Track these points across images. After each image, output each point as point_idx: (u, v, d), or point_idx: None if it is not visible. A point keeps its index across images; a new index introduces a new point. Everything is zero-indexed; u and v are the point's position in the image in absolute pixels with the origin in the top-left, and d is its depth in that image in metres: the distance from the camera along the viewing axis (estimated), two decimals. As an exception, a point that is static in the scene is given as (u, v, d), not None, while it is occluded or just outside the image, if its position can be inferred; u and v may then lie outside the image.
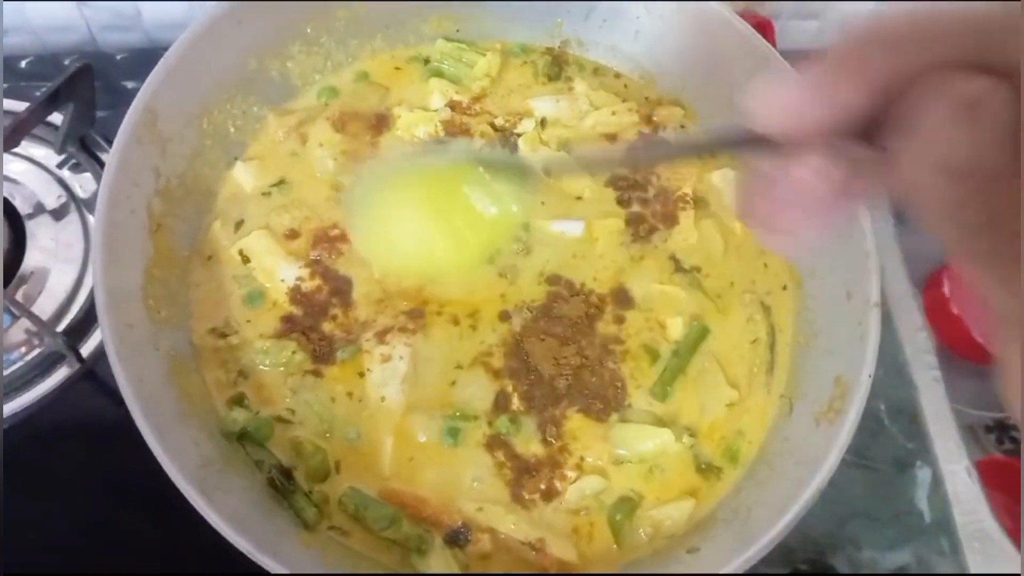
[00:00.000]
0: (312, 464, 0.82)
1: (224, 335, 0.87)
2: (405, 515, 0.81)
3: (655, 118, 1.04)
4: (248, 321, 0.89)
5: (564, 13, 1.07)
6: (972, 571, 1.14)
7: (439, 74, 1.04)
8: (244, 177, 0.96)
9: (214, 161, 0.94)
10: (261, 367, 0.86)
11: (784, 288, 0.96)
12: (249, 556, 0.68)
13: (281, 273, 0.90)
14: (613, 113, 1.02)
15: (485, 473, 0.84)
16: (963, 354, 1.67)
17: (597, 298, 0.92)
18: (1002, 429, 1.74)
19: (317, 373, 0.86)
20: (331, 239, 0.93)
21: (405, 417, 0.85)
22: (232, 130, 0.96)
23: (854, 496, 1.13)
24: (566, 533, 0.82)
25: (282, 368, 0.86)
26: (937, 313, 1.62)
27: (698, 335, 0.91)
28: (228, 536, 0.68)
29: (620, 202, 0.98)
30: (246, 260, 0.91)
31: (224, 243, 0.92)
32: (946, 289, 1.69)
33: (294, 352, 0.86)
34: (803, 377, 0.90)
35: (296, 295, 0.90)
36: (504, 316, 0.91)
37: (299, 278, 0.90)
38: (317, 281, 0.91)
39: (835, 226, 0.42)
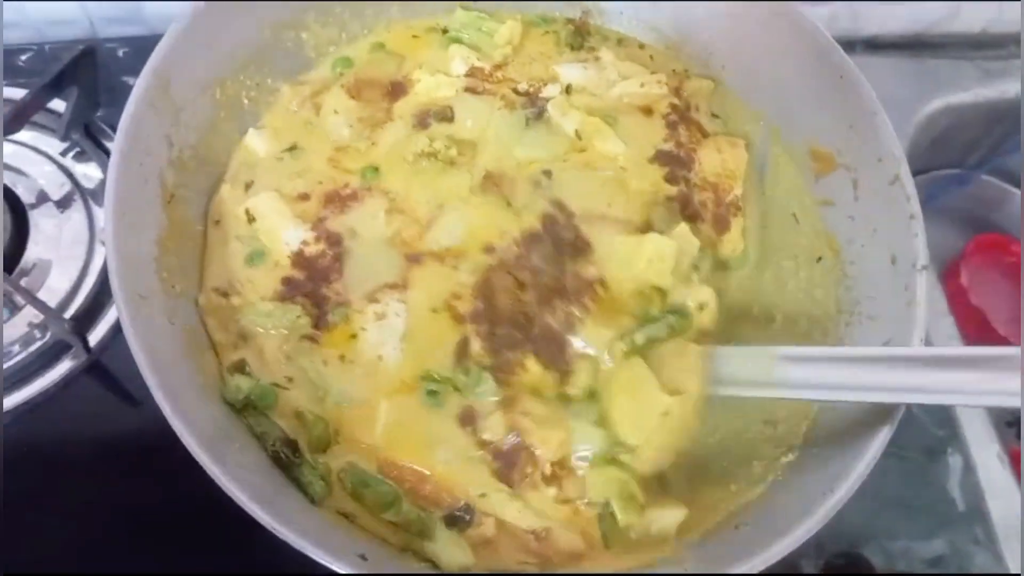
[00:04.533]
0: (315, 434, 0.77)
1: (226, 295, 0.83)
2: (404, 492, 0.76)
3: (684, 92, 1.00)
4: (249, 281, 0.84)
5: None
6: (1008, 560, 1.11)
7: (458, 42, 1.00)
8: (257, 143, 0.91)
9: (228, 132, 0.90)
10: (261, 330, 0.81)
11: (819, 260, 0.92)
12: (272, 531, 0.63)
13: (286, 236, 0.86)
14: (642, 85, 0.98)
15: (469, 455, 0.79)
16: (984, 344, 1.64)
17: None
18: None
19: (313, 339, 0.82)
20: (343, 198, 0.89)
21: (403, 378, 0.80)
22: (246, 102, 0.92)
23: (886, 485, 1.08)
24: (574, 525, 0.78)
25: (285, 332, 0.81)
26: (956, 304, 1.59)
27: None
28: (250, 509, 0.63)
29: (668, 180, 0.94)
30: (251, 220, 0.86)
31: (231, 205, 0.87)
32: (964, 279, 1.67)
33: (299, 316, 0.81)
34: (848, 341, 0.86)
35: (299, 259, 0.85)
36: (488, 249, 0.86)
37: (304, 241, 0.86)
38: (322, 246, 0.86)
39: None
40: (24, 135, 1.10)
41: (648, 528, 0.78)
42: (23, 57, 1.22)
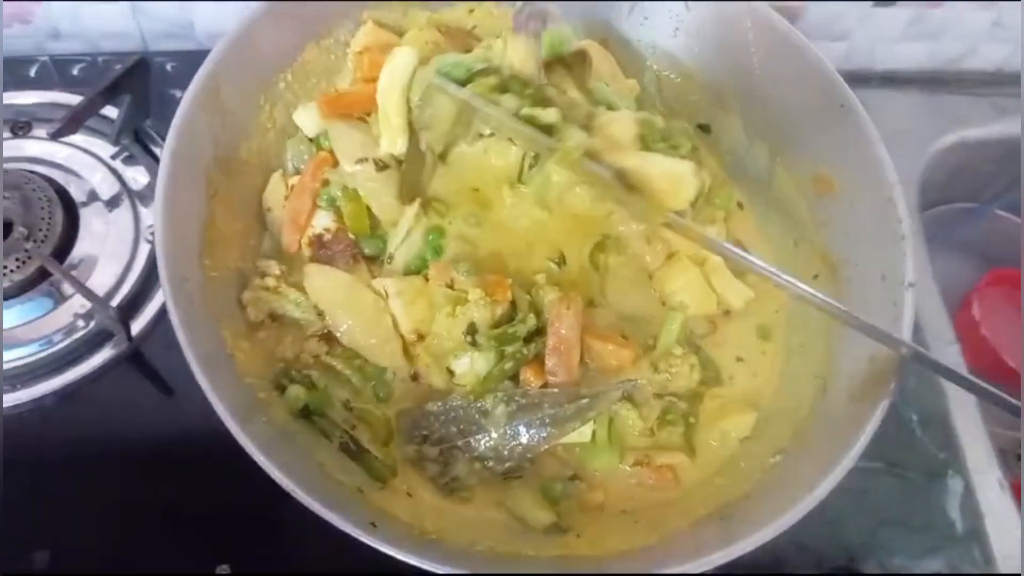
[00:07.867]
0: (379, 433, 0.85)
1: (263, 275, 0.90)
2: None
3: None
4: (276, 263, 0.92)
5: (608, 10, 1.09)
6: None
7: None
8: (305, 119, 0.99)
9: (270, 136, 0.99)
10: (288, 315, 0.89)
11: (815, 277, 0.97)
12: (292, 494, 0.69)
13: (315, 219, 0.94)
14: None
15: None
16: (993, 377, 1.64)
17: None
18: (1034, 457, 1.71)
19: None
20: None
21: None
22: (290, 107, 1.00)
23: (886, 504, 1.12)
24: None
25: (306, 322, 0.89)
26: (967, 336, 1.60)
27: None
28: (270, 471, 0.70)
29: None
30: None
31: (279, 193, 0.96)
32: (975, 311, 1.68)
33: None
34: (837, 357, 0.91)
35: (316, 241, 0.93)
36: None
37: (326, 227, 0.93)
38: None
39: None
40: (78, 138, 1.17)
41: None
42: (77, 67, 1.29)
